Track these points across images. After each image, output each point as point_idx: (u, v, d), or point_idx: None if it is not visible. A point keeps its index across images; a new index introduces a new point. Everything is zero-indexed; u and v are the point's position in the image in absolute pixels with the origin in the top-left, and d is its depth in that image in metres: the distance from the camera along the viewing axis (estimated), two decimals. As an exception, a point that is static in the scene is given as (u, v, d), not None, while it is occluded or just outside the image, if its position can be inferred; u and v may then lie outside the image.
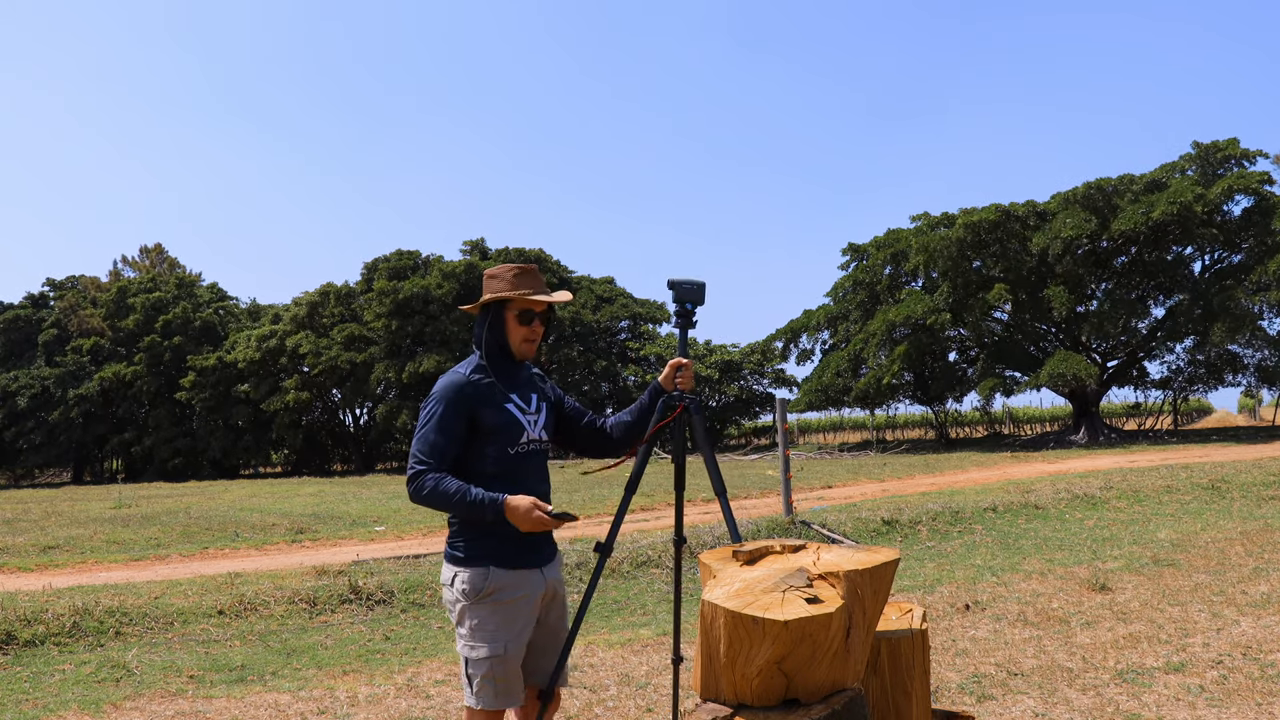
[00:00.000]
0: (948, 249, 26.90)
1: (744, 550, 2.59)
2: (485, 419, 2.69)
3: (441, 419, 2.66)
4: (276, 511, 15.47)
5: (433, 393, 2.73)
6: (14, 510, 17.90)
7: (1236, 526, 9.10)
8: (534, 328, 2.80)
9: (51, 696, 4.87)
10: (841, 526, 9.39)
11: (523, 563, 2.71)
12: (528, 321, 2.79)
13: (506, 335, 2.80)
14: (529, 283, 2.79)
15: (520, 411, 2.76)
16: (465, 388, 2.70)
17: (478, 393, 2.70)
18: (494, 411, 2.70)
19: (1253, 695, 4.11)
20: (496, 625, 2.66)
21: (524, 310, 2.78)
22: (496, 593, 2.66)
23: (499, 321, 2.79)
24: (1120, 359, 30.03)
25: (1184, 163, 28.19)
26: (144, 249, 52.06)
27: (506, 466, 2.71)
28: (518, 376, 2.83)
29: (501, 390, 2.74)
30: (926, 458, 24.56)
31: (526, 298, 2.76)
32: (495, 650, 2.65)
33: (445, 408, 2.67)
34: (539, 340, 2.83)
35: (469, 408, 2.68)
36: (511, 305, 2.79)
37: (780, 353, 35.75)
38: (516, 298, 2.76)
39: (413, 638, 6.06)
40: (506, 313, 2.79)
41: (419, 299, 33.79)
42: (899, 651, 2.58)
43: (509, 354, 2.81)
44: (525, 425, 2.76)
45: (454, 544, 2.74)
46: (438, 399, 2.69)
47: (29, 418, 37.70)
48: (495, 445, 2.71)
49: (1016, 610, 5.96)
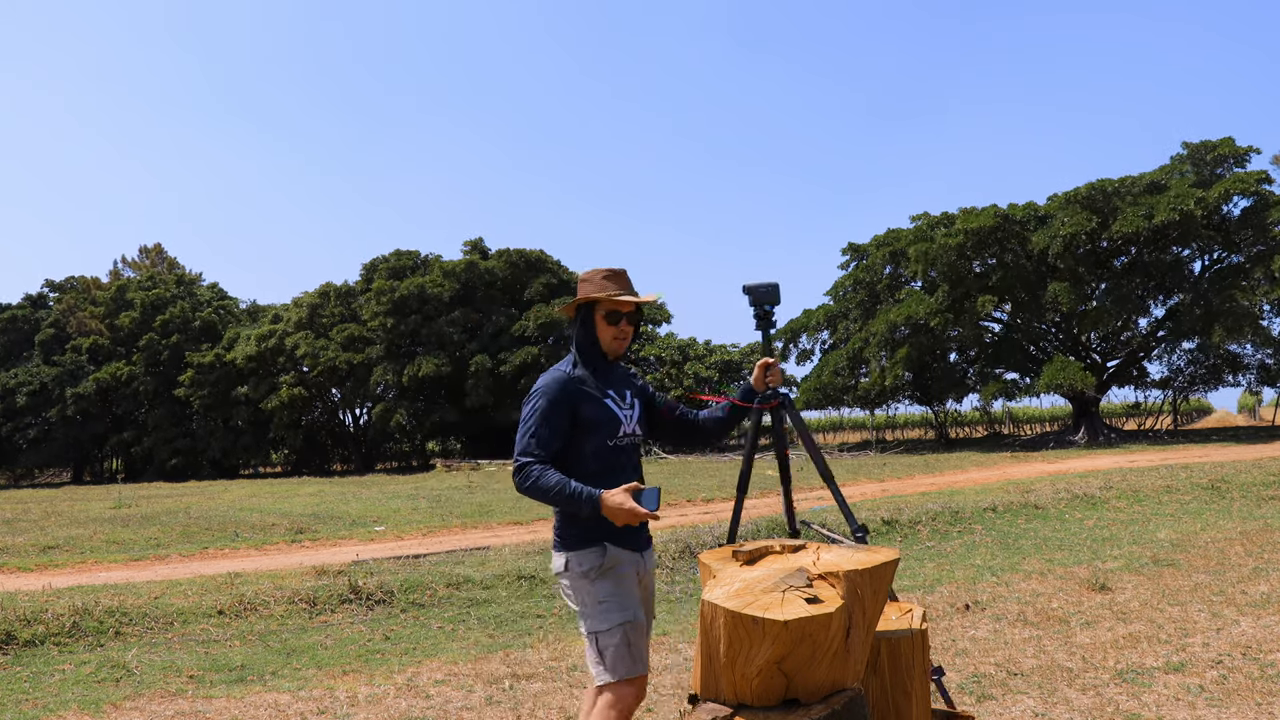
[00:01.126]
0: (945, 255, 26.90)
1: (744, 550, 2.59)
2: (586, 413, 2.86)
3: (546, 413, 2.82)
4: (276, 511, 15.47)
5: (536, 388, 2.88)
6: (14, 510, 17.89)
7: (1236, 526, 9.10)
8: (622, 327, 2.96)
9: (51, 696, 4.87)
10: (841, 526, 9.39)
11: (628, 544, 2.88)
12: (615, 321, 2.95)
13: (597, 335, 2.96)
14: (617, 284, 2.96)
15: (617, 406, 2.93)
16: (568, 384, 2.86)
17: (579, 388, 2.87)
18: (594, 406, 2.87)
19: (1253, 695, 4.11)
20: (623, 595, 2.82)
21: (611, 310, 2.95)
22: (616, 566, 2.84)
23: (589, 322, 2.97)
24: (1120, 359, 30.04)
25: (1177, 163, 28.18)
26: (144, 249, 52.08)
27: (605, 460, 2.87)
28: (612, 374, 3.01)
29: (599, 386, 2.92)
30: (926, 458, 24.56)
31: (614, 298, 2.93)
32: (626, 616, 2.80)
33: (549, 403, 2.83)
34: (628, 339, 2.99)
35: (571, 403, 2.85)
36: (600, 306, 2.96)
37: (780, 352, 35.75)
38: (604, 299, 2.94)
39: (413, 638, 6.06)
40: (596, 314, 2.97)
41: (417, 297, 33.77)
42: (899, 651, 2.58)
43: (601, 353, 2.98)
44: (622, 419, 2.93)
45: (564, 531, 2.89)
46: (541, 394, 2.85)
47: (27, 415, 37.66)
48: (594, 439, 2.87)
49: (1016, 610, 5.96)
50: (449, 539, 11.13)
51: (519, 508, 14.73)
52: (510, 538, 10.64)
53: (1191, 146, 27.70)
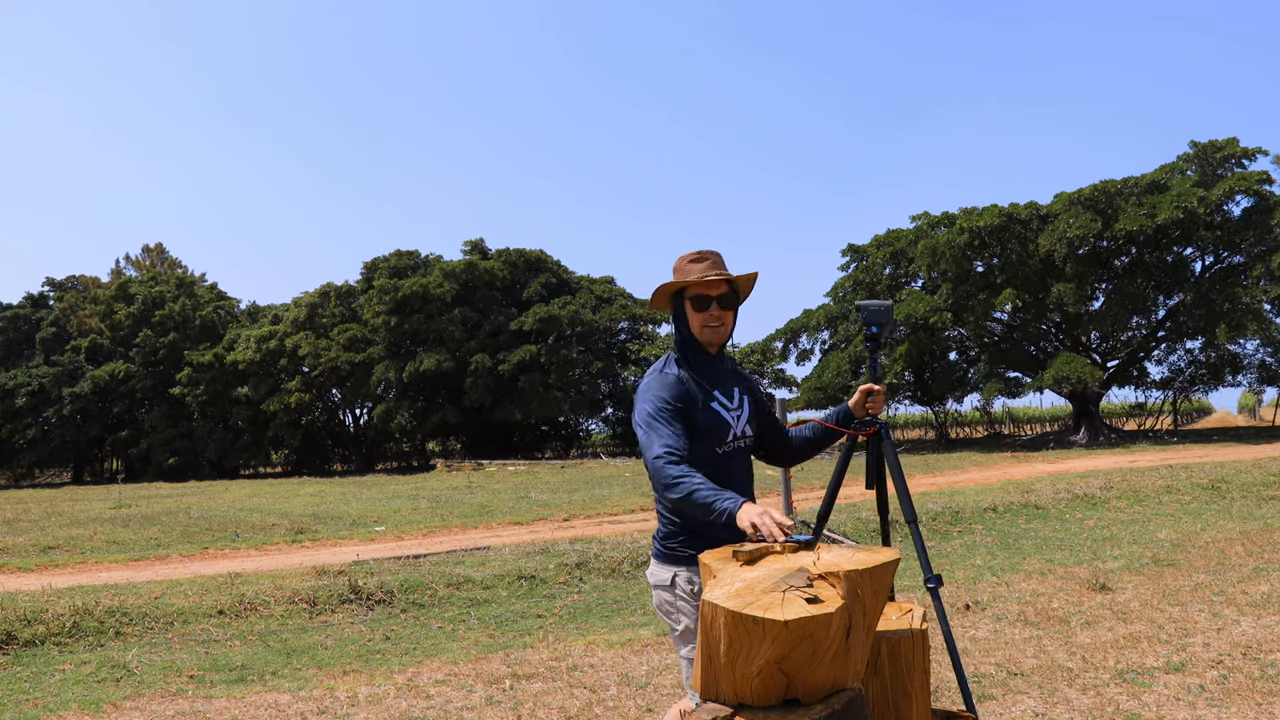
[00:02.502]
0: (952, 251, 26.90)
1: (744, 550, 2.59)
2: (695, 418, 2.60)
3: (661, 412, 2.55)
4: (276, 511, 15.47)
5: (646, 391, 2.61)
6: (14, 510, 17.89)
7: (1236, 526, 9.10)
8: (713, 312, 2.64)
9: (51, 696, 4.87)
10: (841, 526, 9.39)
11: None
12: (704, 307, 2.64)
13: (689, 326, 2.67)
14: (702, 266, 2.65)
15: (724, 409, 2.66)
16: (677, 384, 2.59)
17: (688, 389, 2.61)
18: (702, 410, 2.61)
19: (1253, 695, 4.11)
20: None
21: (697, 295, 2.64)
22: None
23: (680, 314, 2.69)
24: (1121, 359, 30.05)
25: (1182, 163, 28.20)
26: (145, 249, 52.09)
27: (713, 469, 2.57)
28: (716, 370, 2.71)
29: (705, 388, 2.64)
30: (926, 458, 24.56)
31: (691, 281, 2.62)
32: None
33: (663, 402, 2.56)
34: (725, 325, 2.67)
35: (685, 403, 2.58)
36: (688, 291, 2.66)
37: (780, 353, 35.75)
38: (688, 284, 2.64)
39: (413, 638, 6.06)
40: (685, 303, 2.67)
41: (418, 298, 33.78)
42: (899, 651, 2.58)
43: (699, 347, 2.69)
44: (730, 422, 2.66)
45: (670, 543, 2.66)
46: (655, 394, 2.58)
47: (26, 415, 37.66)
48: (702, 445, 2.60)
49: (1016, 610, 5.96)
50: (449, 539, 11.13)
51: (519, 508, 14.73)
52: (510, 538, 10.64)
53: (1199, 146, 27.72)
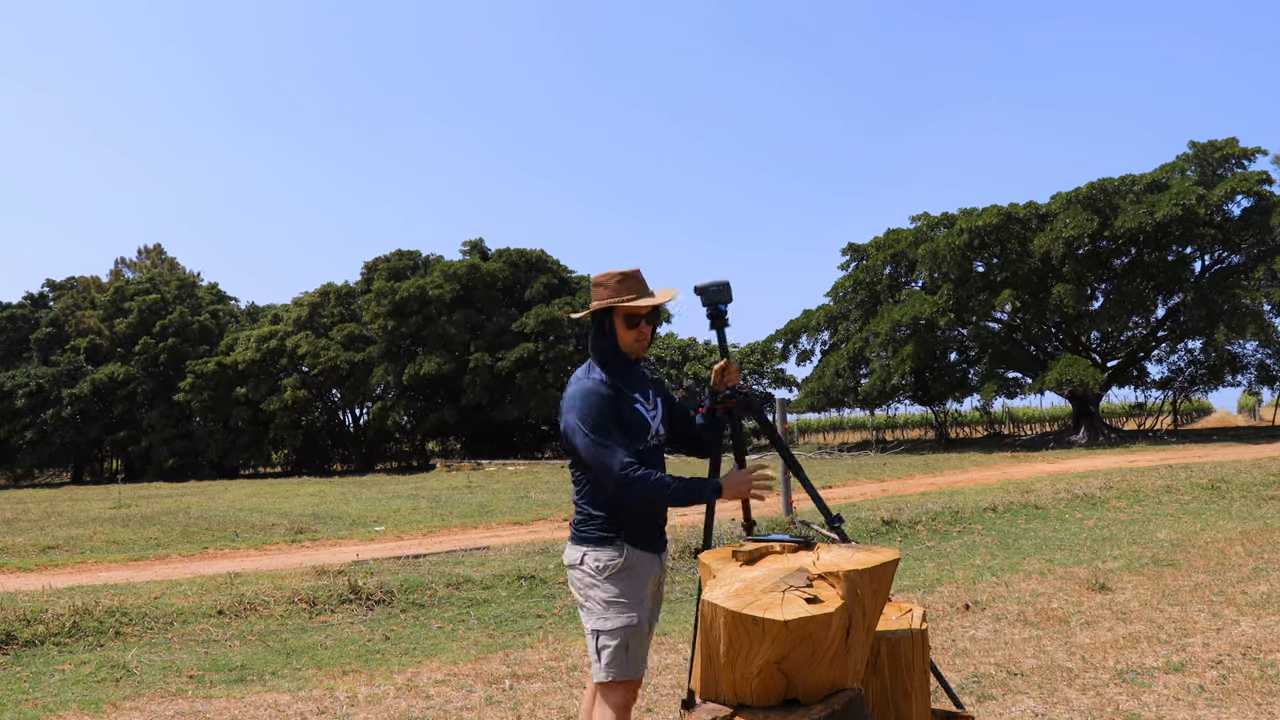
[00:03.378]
0: (952, 252, 26.91)
1: (744, 550, 2.59)
2: (622, 417, 2.84)
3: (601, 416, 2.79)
4: (276, 511, 15.47)
5: (576, 402, 2.82)
6: (14, 510, 17.89)
7: (1236, 526, 9.10)
8: (641, 329, 2.93)
9: (51, 696, 4.87)
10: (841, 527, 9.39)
11: (649, 546, 2.90)
12: (634, 325, 2.92)
13: (617, 339, 2.93)
14: (632, 288, 2.92)
15: (644, 409, 2.93)
16: (600, 389, 2.84)
17: (610, 392, 2.85)
18: (627, 410, 2.86)
19: (1253, 695, 4.11)
20: (630, 597, 2.83)
21: (630, 315, 2.91)
22: (632, 568, 2.84)
23: (608, 327, 2.94)
24: (1120, 359, 30.05)
25: (1182, 163, 28.21)
26: (143, 249, 52.07)
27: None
28: (633, 374, 2.98)
29: (626, 390, 2.90)
30: (926, 458, 24.56)
31: (629, 304, 2.89)
32: (630, 620, 2.81)
33: (597, 410, 2.80)
34: (648, 340, 2.96)
35: (611, 406, 2.83)
36: (618, 311, 2.92)
37: (780, 353, 35.77)
38: (621, 305, 2.89)
39: (413, 638, 6.06)
40: (615, 318, 2.92)
41: (418, 299, 33.78)
42: (899, 651, 2.58)
43: (622, 356, 2.95)
44: (649, 422, 2.92)
45: (584, 526, 2.90)
46: (585, 403, 2.80)
47: (25, 415, 37.65)
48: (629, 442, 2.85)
49: (1016, 610, 5.96)
50: (449, 539, 11.13)
51: (518, 508, 14.73)
52: (510, 538, 10.64)
53: (1198, 146, 27.74)
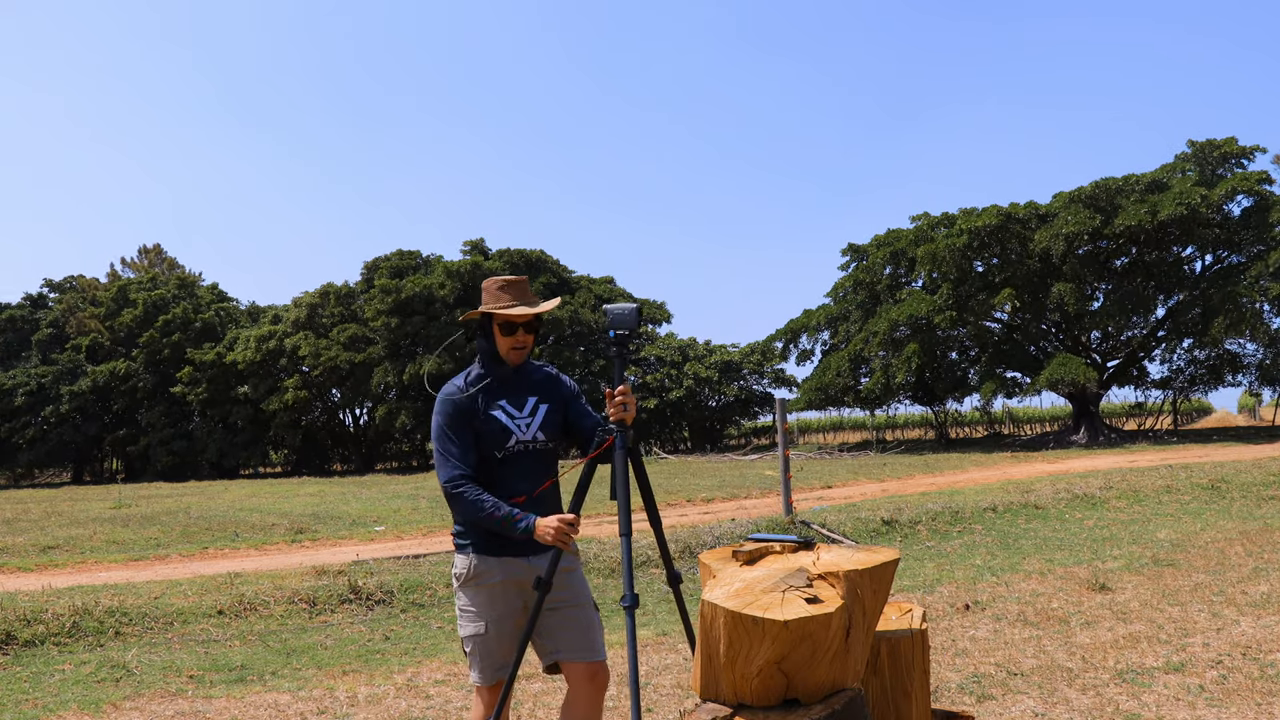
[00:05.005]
0: (952, 252, 26.91)
1: (744, 550, 2.60)
2: (475, 426, 2.89)
3: (446, 430, 2.89)
4: (276, 511, 15.47)
5: (435, 407, 2.94)
6: (14, 510, 17.89)
7: (1236, 526, 9.10)
8: (519, 337, 2.95)
9: (51, 696, 4.87)
10: (841, 526, 9.39)
11: (505, 551, 2.87)
12: (510, 332, 2.94)
13: (494, 344, 2.97)
14: (512, 294, 2.94)
15: (508, 417, 2.92)
16: (455, 399, 2.90)
17: (465, 402, 2.90)
18: (480, 419, 2.89)
19: (1253, 695, 4.11)
20: (478, 606, 2.88)
21: (505, 322, 2.93)
22: (479, 577, 2.88)
23: (489, 331, 2.97)
24: (1120, 359, 30.05)
25: (1181, 162, 28.22)
26: (143, 249, 52.05)
27: (490, 472, 2.89)
28: (512, 381, 2.98)
29: (489, 398, 2.92)
30: (926, 458, 24.56)
31: (504, 312, 2.90)
32: (477, 629, 2.88)
33: (445, 419, 2.89)
34: (527, 348, 2.97)
35: (463, 416, 2.89)
36: (495, 318, 2.94)
37: (780, 353, 35.76)
38: (495, 312, 2.92)
39: (413, 638, 6.06)
40: (493, 324, 2.96)
41: (421, 299, 33.78)
42: (899, 651, 2.58)
43: (499, 360, 2.97)
44: (512, 430, 2.91)
45: (455, 533, 3.00)
46: (439, 411, 2.92)
47: (24, 415, 37.63)
48: (484, 448, 2.90)
49: (1016, 610, 5.96)
50: (449, 539, 11.12)
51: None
52: (510, 538, 10.63)
53: (1197, 145, 27.75)
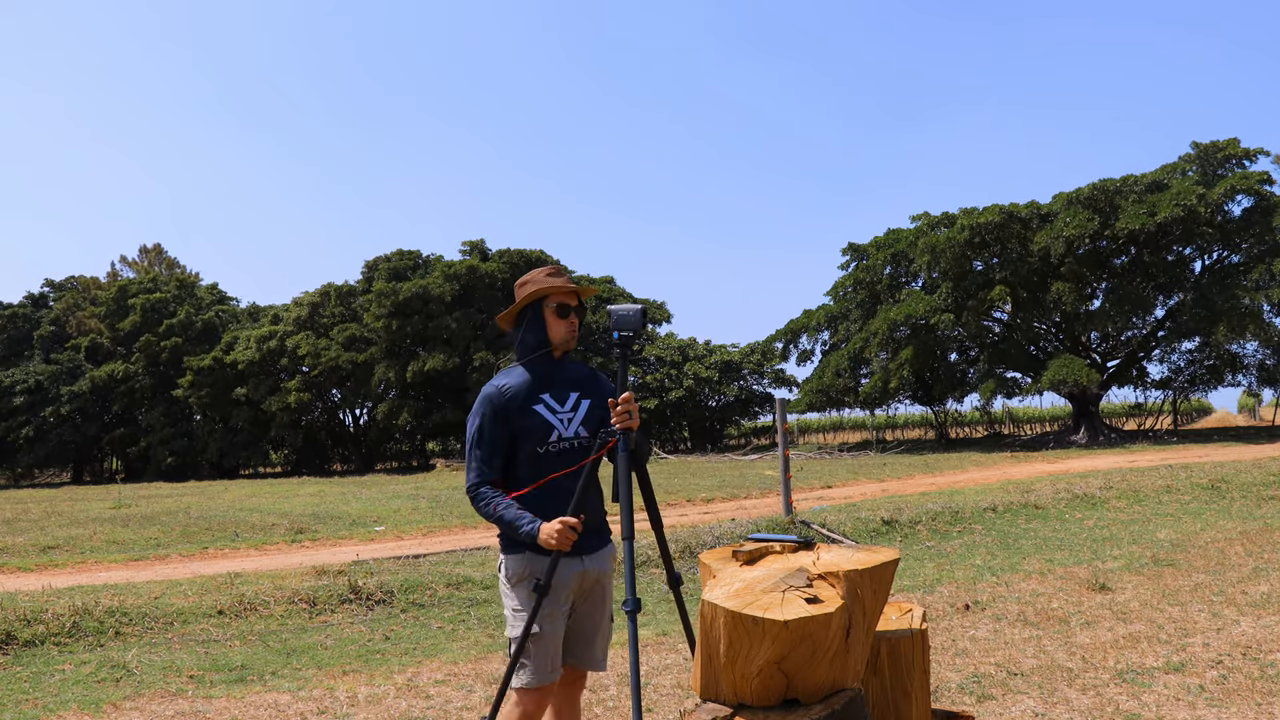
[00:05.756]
0: (952, 249, 26.92)
1: (744, 550, 2.59)
2: (517, 424, 2.86)
3: (480, 431, 2.87)
4: (276, 511, 15.46)
5: (473, 407, 2.91)
6: (14, 510, 17.89)
7: (1236, 526, 9.10)
8: (571, 320, 2.95)
9: (51, 696, 4.87)
10: (841, 526, 9.39)
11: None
12: (565, 315, 2.93)
13: (547, 331, 2.94)
14: (562, 280, 2.96)
15: (550, 412, 2.89)
16: (494, 397, 2.87)
17: (506, 399, 2.87)
18: (521, 415, 2.86)
19: (1253, 695, 4.11)
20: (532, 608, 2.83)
21: (561, 304, 2.93)
22: (532, 576, 2.83)
23: (538, 320, 2.94)
24: (1120, 359, 30.05)
25: (1184, 163, 28.22)
26: (143, 249, 52.09)
27: (533, 467, 2.86)
28: (557, 375, 2.96)
29: (532, 393, 2.89)
30: (926, 458, 24.56)
31: (564, 288, 2.92)
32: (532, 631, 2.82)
33: (483, 420, 2.87)
34: (577, 333, 2.97)
35: (501, 416, 2.86)
36: (549, 300, 2.93)
37: (780, 353, 35.77)
38: (555, 289, 2.91)
39: (413, 638, 6.06)
40: (545, 310, 2.94)
41: (420, 299, 33.79)
42: (899, 651, 2.58)
43: (549, 352, 2.95)
44: (555, 425, 2.88)
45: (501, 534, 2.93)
46: (476, 412, 2.89)
47: (24, 414, 37.63)
48: (525, 447, 2.86)
49: (1016, 610, 5.96)
50: (449, 539, 11.13)
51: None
52: (510, 538, 10.63)
53: (1200, 147, 27.76)
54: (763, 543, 2.64)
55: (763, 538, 2.65)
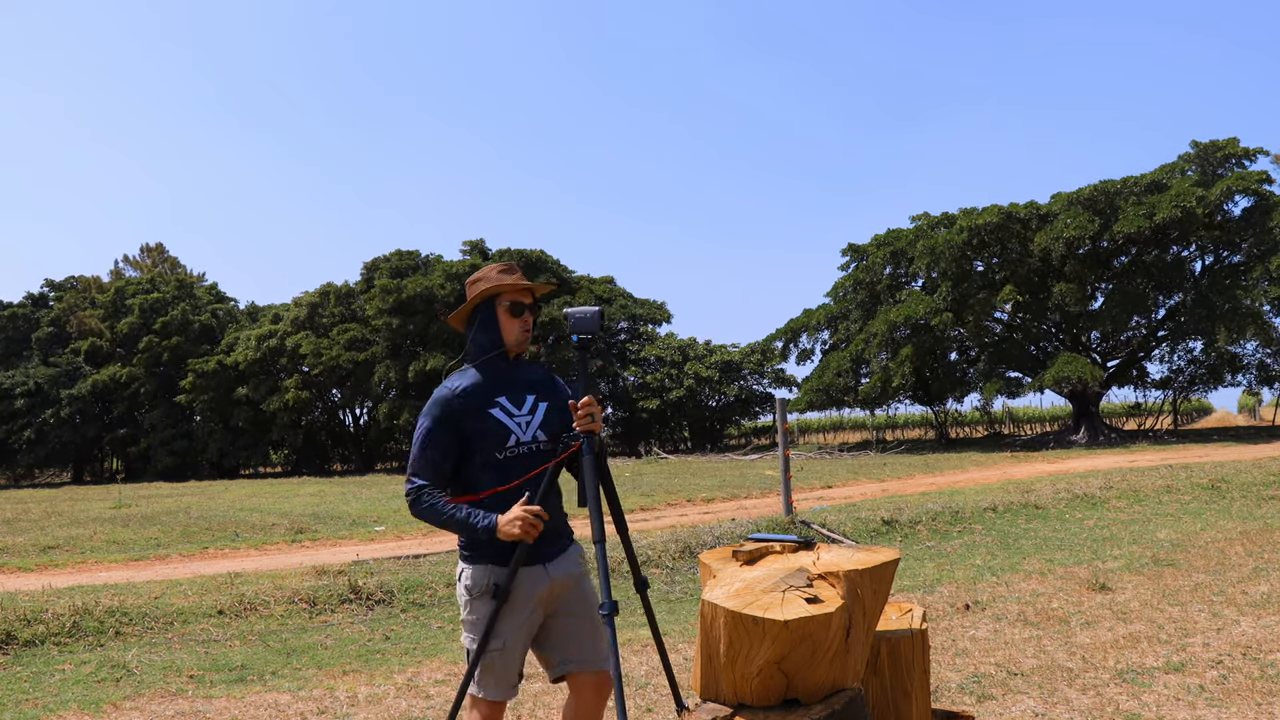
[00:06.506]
0: (951, 250, 26.93)
1: (744, 550, 2.60)
2: (469, 428, 2.72)
3: (430, 434, 2.71)
4: (276, 511, 15.46)
5: (424, 409, 2.78)
6: (14, 510, 17.89)
7: (1236, 526, 9.10)
8: (525, 319, 2.83)
9: (51, 696, 4.87)
10: (841, 526, 9.39)
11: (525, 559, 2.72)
12: (519, 313, 2.82)
13: (500, 331, 2.82)
14: (514, 276, 2.84)
15: (507, 415, 2.76)
16: (449, 401, 2.73)
17: (460, 404, 2.73)
18: (477, 420, 2.72)
19: (1253, 695, 4.11)
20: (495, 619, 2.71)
21: (514, 302, 2.81)
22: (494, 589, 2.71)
23: (491, 319, 2.82)
24: (1120, 359, 30.06)
25: (1183, 163, 28.23)
26: (145, 248, 52.08)
27: (495, 472, 2.73)
28: (512, 378, 2.83)
29: (487, 396, 2.76)
30: (926, 458, 24.56)
31: (517, 285, 2.80)
32: (494, 644, 2.71)
33: (432, 423, 2.72)
34: (530, 333, 2.85)
35: (454, 420, 2.71)
36: (502, 298, 2.82)
37: (780, 353, 35.76)
38: (507, 287, 2.79)
39: (413, 638, 6.06)
40: (498, 308, 2.82)
41: (421, 299, 33.80)
42: (899, 651, 2.58)
43: (503, 353, 2.82)
44: (513, 429, 2.75)
45: (462, 543, 2.81)
46: (425, 414, 2.75)
47: (24, 415, 37.62)
48: (481, 452, 2.72)
49: (1016, 610, 5.96)
50: (449, 539, 11.13)
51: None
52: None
53: (1200, 146, 27.77)
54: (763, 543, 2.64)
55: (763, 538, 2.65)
